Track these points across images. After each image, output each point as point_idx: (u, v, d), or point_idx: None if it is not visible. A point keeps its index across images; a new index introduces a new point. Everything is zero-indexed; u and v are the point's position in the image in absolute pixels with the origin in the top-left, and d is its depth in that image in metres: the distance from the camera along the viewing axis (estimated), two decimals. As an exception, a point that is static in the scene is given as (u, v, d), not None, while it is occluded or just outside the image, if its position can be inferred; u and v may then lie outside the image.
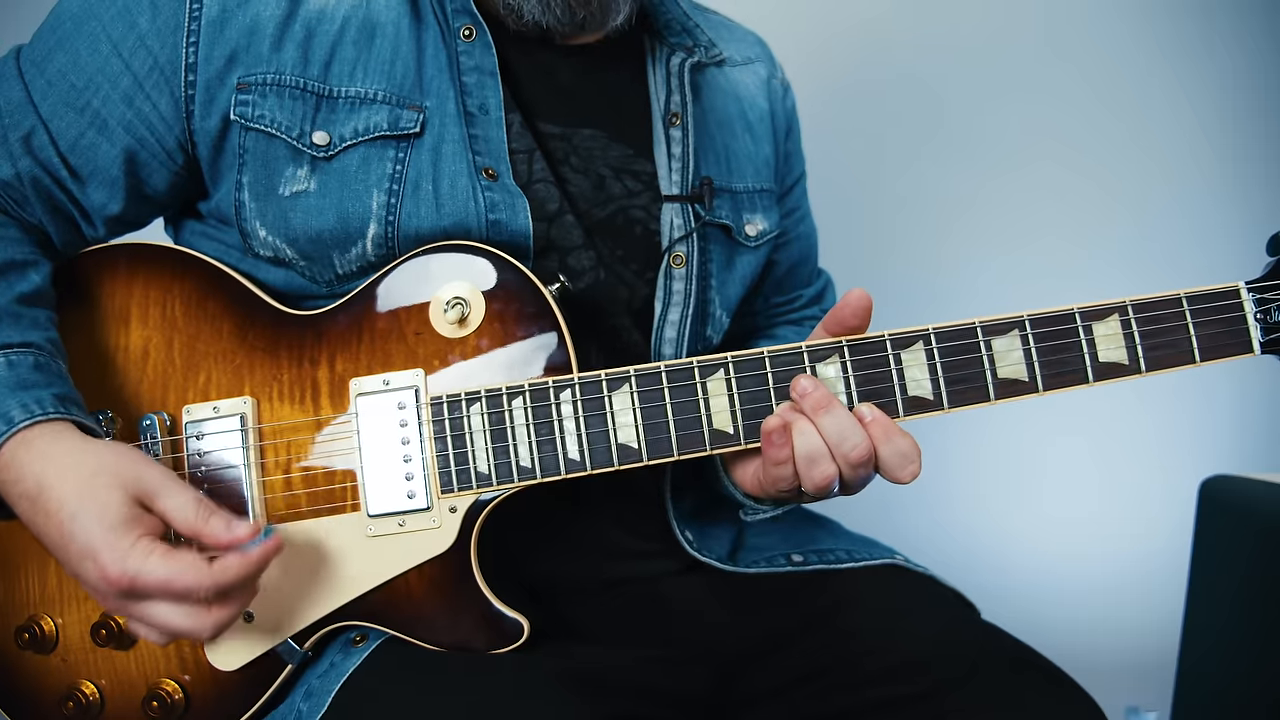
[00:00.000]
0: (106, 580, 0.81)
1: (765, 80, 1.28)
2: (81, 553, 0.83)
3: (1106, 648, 2.18)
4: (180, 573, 0.81)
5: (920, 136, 2.37)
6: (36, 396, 0.88)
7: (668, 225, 1.09)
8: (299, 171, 0.98)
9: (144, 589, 0.82)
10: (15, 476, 0.86)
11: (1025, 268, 2.36)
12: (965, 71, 2.36)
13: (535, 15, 1.03)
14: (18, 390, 0.87)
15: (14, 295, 0.93)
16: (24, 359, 0.90)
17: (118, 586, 0.82)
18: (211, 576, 0.82)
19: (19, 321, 0.92)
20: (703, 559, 1.10)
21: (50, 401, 0.88)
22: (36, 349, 0.91)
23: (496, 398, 0.92)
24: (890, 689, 0.97)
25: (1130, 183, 2.40)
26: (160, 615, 0.83)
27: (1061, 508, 2.40)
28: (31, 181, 0.98)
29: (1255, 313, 0.90)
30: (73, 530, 0.83)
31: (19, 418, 0.86)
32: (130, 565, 0.81)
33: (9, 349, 0.90)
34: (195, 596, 0.82)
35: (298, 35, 0.98)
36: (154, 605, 0.83)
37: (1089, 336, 0.90)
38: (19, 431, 0.86)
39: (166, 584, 0.81)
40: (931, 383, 0.91)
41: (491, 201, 0.99)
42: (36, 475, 0.85)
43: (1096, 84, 2.38)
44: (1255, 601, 1.52)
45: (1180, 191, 2.41)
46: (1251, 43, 2.39)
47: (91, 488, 0.83)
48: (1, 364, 0.88)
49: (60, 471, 0.84)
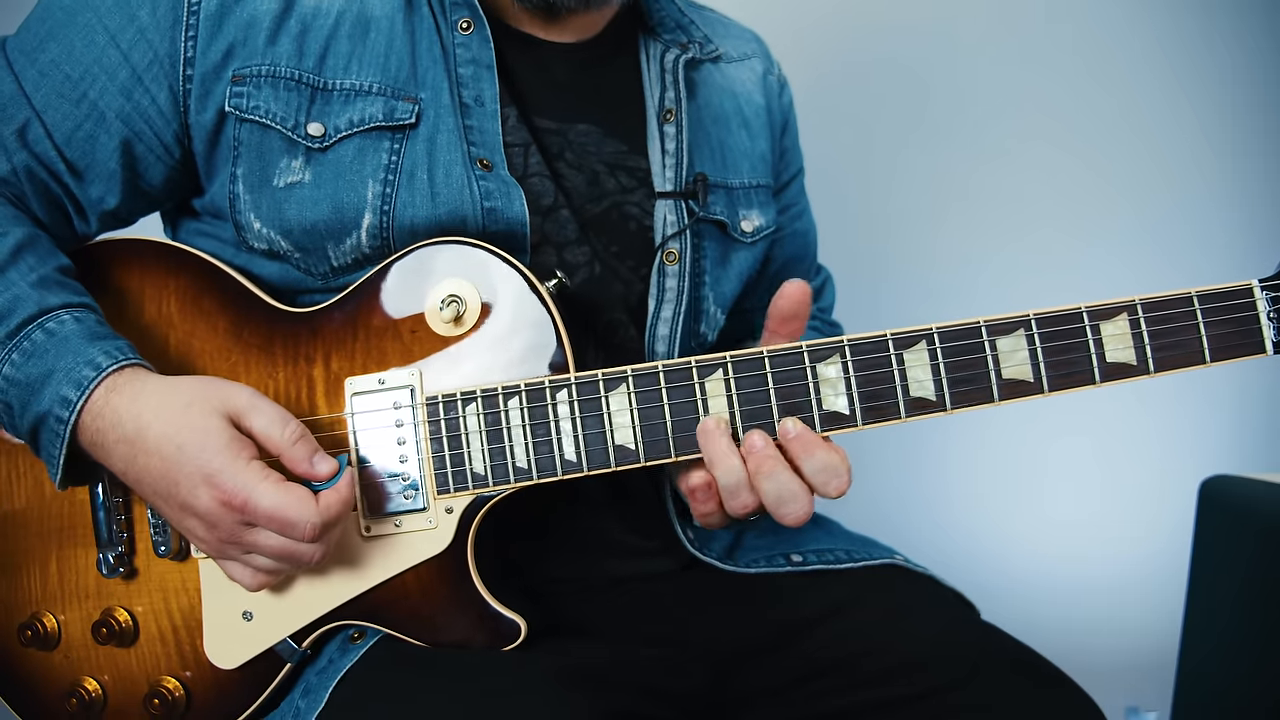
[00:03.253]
0: (223, 501, 0.83)
1: (761, 76, 1.28)
2: (193, 480, 0.84)
3: (1106, 648, 2.18)
4: (292, 504, 0.83)
5: (914, 127, 2.36)
6: (116, 344, 0.89)
7: (661, 222, 1.08)
8: (294, 163, 0.98)
9: (253, 513, 0.83)
10: (112, 422, 0.87)
11: (1024, 260, 2.36)
12: (960, 61, 2.36)
13: None
14: (95, 340, 0.89)
15: (55, 266, 0.94)
16: (88, 315, 0.91)
17: (232, 507, 0.83)
18: (318, 514, 0.84)
19: (65, 288, 0.93)
20: (702, 558, 1.10)
21: (127, 348, 0.90)
22: (95, 311, 0.93)
23: (492, 397, 0.92)
24: (890, 689, 0.97)
25: (1130, 174, 2.40)
26: (273, 541, 0.85)
27: (1061, 508, 2.40)
28: (27, 174, 0.98)
29: (1269, 312, 0.88)
30: (181, 460, 0.84)
31: (105, 363, 0.87)
32: (246, 485, 0.83)
33: (70, 307, 0.91)
34: (298, 532, 0.84)
35: (293, 29, 0.98)
36: (266, 532, 0.85)
37: (1096, 336, 0.88)
38: (107, 376, 0.87)
39: (276, 511, 0.83)
40: (934, 383, 0.89)
41: (487, 190, 0.99)
42: (134, 416, 0.86)
43: (1097, 74, 2.37)
44: (1255, 602, 1.51)
45: (1180, 182, 2.40)
46: (1251, 40, 2.38)
47: (189, 417, 0.85)
48: (69, 319, 0.90)
49: (155, 408, 0.86)
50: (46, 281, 0.91)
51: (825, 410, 0.90)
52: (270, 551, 0.86)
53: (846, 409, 0.90)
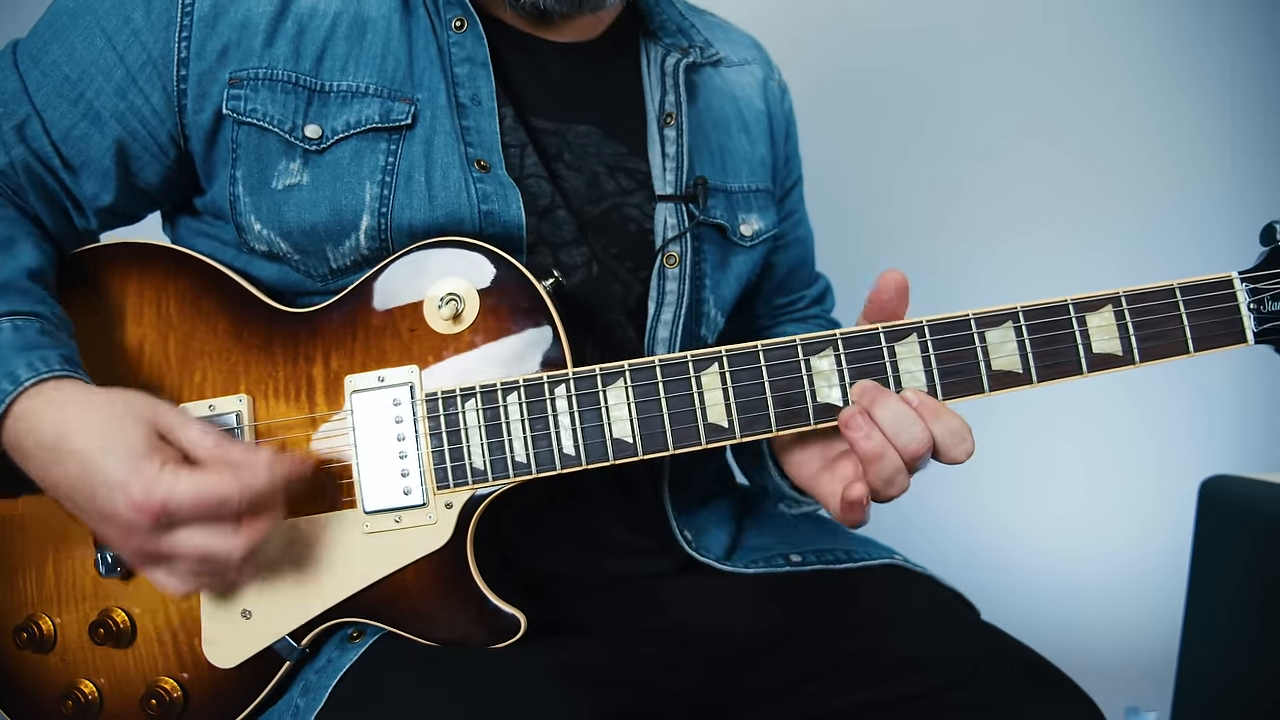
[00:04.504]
0: (138, 508, 0.81)
1: (762, 81, 1.29)
2: (110, 488, 0.82)
3: (1106, 648, 2.17)
4: (213, 485, 0.82)
5: (910, 128, 2.36)
6: (43, 356, 0.88)
7: (661, 225, 1.09)
8: (291, 165, 0.98)
9: (176, 509, 0.81)
10: (30, 426, 0.86)
11: (1020, 261, 2.36)
12: (958, 64, 2.36)
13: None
14: (24, 350, 0.88)
15: (20, 268, 0.93)
16: (30, 324, 0.90)
17: (149, 513, 0.81)
18: (242, 480, 0.83)
19: (26, 295, 0.92)
20: (700, 558, 1.10)
21: (57, 360, 0.88)
22: (43, 319, 0.92)
23: (491, 393, 0.92)
24: (889, 689, 0.97)
25: (1128, 175, 2.40)
26: (192, 541, 0.83)
27: (1061, 508, 2.39)
28: (25, 169, 0.99)
29: (1249, 302, 0.90)
30: (102, 465, 0.83)
31: (25, 376, 0.86)
32: (161, 488, 0.81)
33: (14, 315, 0.90)
34: (229, 507, 0.83)
35: (289, 31, 0.99)
36: (185, 532, 0.83)
37: (1083, 328, 0.90)
38: (28, 388, 0.86)
39: (199, 497, 0.81)
40: (925, 375, 0.90)
41: (484, 193, 1.00)
42: (55, 421, 0.85)
43: (1095, 74, 2.38)
44: (1255, 601, 1.51)
45: (1179, 184, 2.40)
46: (1250, 40, 2.39)
47: (119, 425, 0.84)
48: (7, 327, 0.89)
49: (80, 414, 0.85)
50: (2, 288, 0.91)
51: (819, 402, 0.91)
52: (189, 555, 0.84)
53: (840, 401, 0.91)
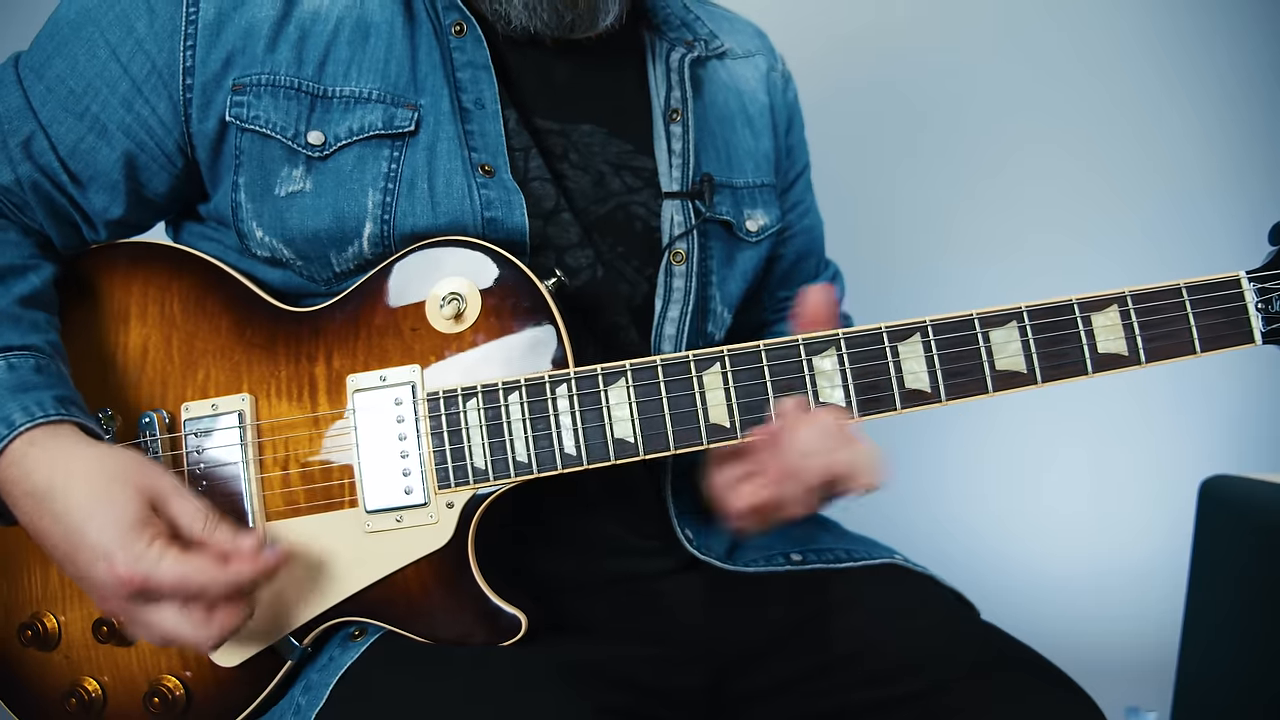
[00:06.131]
0: (119, 580, 0.82)
1: (765, 73, 1.28)
2: (94, 553, 0.83)
3: (1106, 648, 2.18)
4: (196, 571, 0.82)
5: (916, 131, 2.37)
6: (37, 399, 0.88)
7: (668, 222, 1.09)
8: (294, 172, 0.98)
9: (156, 588, 0.82)
10: (21, 474, 0.86)
11: (1028, 262, 2.36)
12: (963, 64, 2.36)
13: (522, 20, 1.02)
14: (18, 393, 0.88)
15: (14, 298, 0.93)
16: (24, 361, 0.90)
17: (129, 587, 0.82)
18: (225, 575, 0.83)
19: (19, 324, 0.92)
20: (702, 557, 1.10)
21: (51, 403, 0.88)
22: (37, 351, 0.91)
23: (493, 393, 0.92)
24: (889, 689, 0.97)
25: (1132, 175, 2.40)
26: (165, 621, 0.84)
27: (1062, 508, 2.40)
28: (32, 186, 0.99)
29: (1256, 302, 0.89)
30: (86, 531, 0.83)
31: (20, 420, 0.86)
32: (145, 565, 0.82)
33: (9, 351, 0.90)
34: (208, 596, 0.83)
35: (292, 36, 0.98)
36: (160, 610, 0.84)
37: (1088, 328, 0.90)
38: (22, 434, 0.86)
39: (180, 582, 0.82)
40: (929, 375, 0.90)
41: (487, 199, 0.99)
42: (46, 476, 0.85)
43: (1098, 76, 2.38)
44: (1255, 601, 1.51)
45: (1180, 185, 2.41)
46: (1249, 40, 2.39)
47: (108, 492, 0.84)
48: (1, 367, 0.89)
49: (71, 476, 0.85)
50: None
51: (822, 402, 0.91)
52: (168, 630, 0.84)
53: (842, 401, 0.91)
